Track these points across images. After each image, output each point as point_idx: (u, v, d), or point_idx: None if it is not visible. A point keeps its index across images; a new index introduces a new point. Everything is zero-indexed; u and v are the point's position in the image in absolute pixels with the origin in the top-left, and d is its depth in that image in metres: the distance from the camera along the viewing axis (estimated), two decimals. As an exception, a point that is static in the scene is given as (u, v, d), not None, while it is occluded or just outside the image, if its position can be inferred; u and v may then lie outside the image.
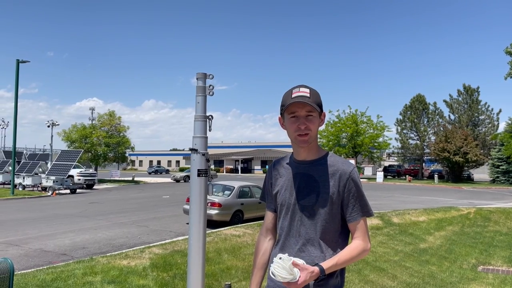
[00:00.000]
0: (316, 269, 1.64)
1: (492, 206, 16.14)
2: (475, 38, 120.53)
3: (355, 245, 1.76)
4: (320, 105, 1.80)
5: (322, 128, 27.23)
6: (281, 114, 1.86)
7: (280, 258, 1.57)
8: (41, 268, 6.66)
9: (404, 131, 52.35)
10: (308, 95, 1.76)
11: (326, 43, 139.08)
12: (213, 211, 11.59)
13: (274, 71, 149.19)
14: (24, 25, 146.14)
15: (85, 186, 28.41)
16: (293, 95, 1.77)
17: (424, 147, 49.94)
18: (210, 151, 1.76)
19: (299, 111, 1.76)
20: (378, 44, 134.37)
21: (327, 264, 1.67)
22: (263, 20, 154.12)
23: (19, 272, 6.17)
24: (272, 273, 1.60)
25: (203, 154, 1.84)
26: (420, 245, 9.14)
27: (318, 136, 1.92)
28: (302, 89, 1.78)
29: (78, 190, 26.09)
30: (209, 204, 11.20)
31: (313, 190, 1.77)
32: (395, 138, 52.62)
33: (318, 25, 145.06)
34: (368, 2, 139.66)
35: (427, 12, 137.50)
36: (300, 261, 1.62)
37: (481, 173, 50.30)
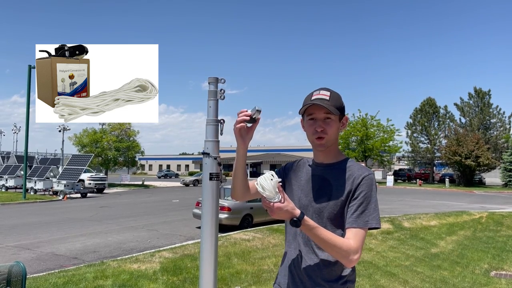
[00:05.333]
0: (297, 210, 1.55)
1: (505, 211, 15.92)
2: (486, 41, 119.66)
3: (346, 241, 1.61)
4: (340, 109, 1.77)
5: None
6: (302, 116, 1.86)
7: (273, 176, 1.54)
8: (52, 271, 6.72)
9: (415, 135, 51.95)
10: (328, 98, 1.75)
11: (337, 47, 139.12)
12: (222, 215, 11.60)
13: (284, 76, 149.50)
14: (36, 30, 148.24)
15: (95, 190, 28.61)
16: (312, 98, 1.76)
17: (435, 150, 49.49)
18: (220, 155, 1.78)
19: (317, 114, 1.76)
20: (388, 48, 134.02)
21: (309, 219, 1.57)
22: (273, 25, 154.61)
23: (31, 276, 6.22)
24: (259, 181, 1.55)
25: (215, 158, 1.84)
26: (431, 250, 9.05)
27: None
28: (322, 91, 1.77)
29: (88, 194, 26.29)
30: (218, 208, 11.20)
31: (326, 193, 1.75)
32: (405, 142, 52.28)
33: (328, 30, 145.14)
34: (378, 6, 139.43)
35: (437, 16, 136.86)
36: (284, 195, 1.54)
37: (493, 177, 49.67)
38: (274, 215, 1.55)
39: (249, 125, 1.82)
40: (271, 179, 1.53)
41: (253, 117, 1.77)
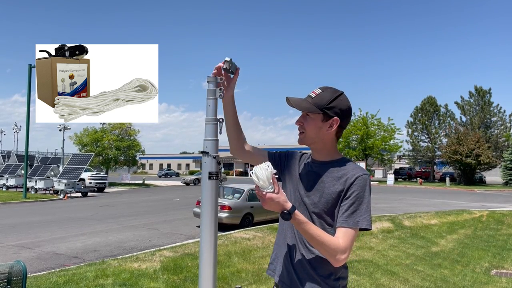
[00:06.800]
0: (289, 204, 1.56)
1: (505, 209, 15.91)
2: (487, 39, 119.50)
3: (335, 240, 1.60)
4: (322, 108, 1.74)
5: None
6: None
7: (268, 166, 1.56)
8: (53, 270, 6.72)
9: (415, 134, 51.95)
10: (314, 95, 1.78)
11: (337, 45, 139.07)
12: (223, 214, 11.61)
13: (284, 75, 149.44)
14: (36, 30, 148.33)
15: (96, 189, 28.63)
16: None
17: (435, 149, 49.49)
18: (220, 154, 1.78)
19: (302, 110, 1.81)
20: (389, 46, 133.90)
21: (299, 214, 1.58)
22: (273, 24, 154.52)
23: (31, 275, 6.23)
24: (254, 170, 1.57)
25: (214, 157, 1.84)
26: (432, 249, 9.05)
27: None
28: (316, 89, 1.80)
29: (89, 193, 26.31)
30: (219, 207, 11.22)
31: (318, 190, 1.75)
32: (406, 141, 52.29)
33: (328, 27, 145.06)
34: (379, 3, 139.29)
35: (438, 13, 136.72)
36: (278, 187, 1.56)
37: (494, 176, 49.68)
38: (266, 205, 1.57)
39: (231, 76, 1.93)
40: (266, 169, 1.55)
41: (225, 67, 1.86)
